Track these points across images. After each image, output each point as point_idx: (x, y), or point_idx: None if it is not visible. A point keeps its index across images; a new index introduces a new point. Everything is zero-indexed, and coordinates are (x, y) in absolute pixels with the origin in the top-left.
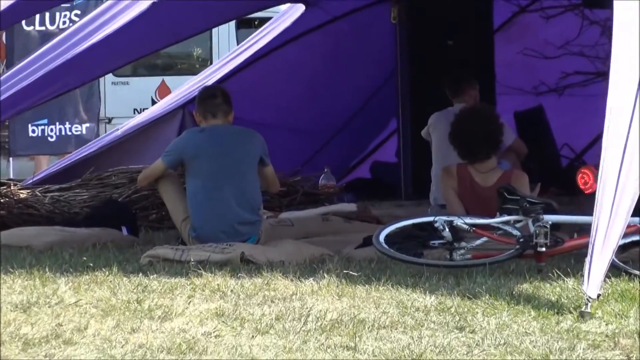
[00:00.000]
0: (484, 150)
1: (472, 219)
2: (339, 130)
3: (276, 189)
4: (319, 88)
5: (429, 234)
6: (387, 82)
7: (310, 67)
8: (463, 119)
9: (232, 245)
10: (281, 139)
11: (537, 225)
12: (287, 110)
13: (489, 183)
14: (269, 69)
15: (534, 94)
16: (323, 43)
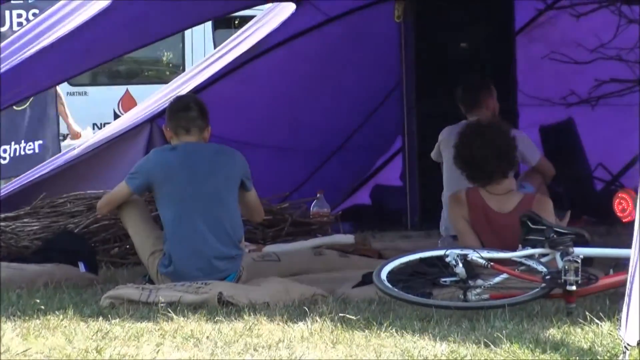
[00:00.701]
0: (496, 168)
1: (489, 253)
2: (335, 150)
3: (260, 217)
4: (311, 101)
5: (439, 270)
6: (391, 93)
7: (301, 76)
8: (467, 135)
9: (208, 284)
10: (266, 160)
11: (567, 260)
12: (273, 126)
13: (506, 209)
14: (252, 78)
15: (563, 105)
16: (316, 48)
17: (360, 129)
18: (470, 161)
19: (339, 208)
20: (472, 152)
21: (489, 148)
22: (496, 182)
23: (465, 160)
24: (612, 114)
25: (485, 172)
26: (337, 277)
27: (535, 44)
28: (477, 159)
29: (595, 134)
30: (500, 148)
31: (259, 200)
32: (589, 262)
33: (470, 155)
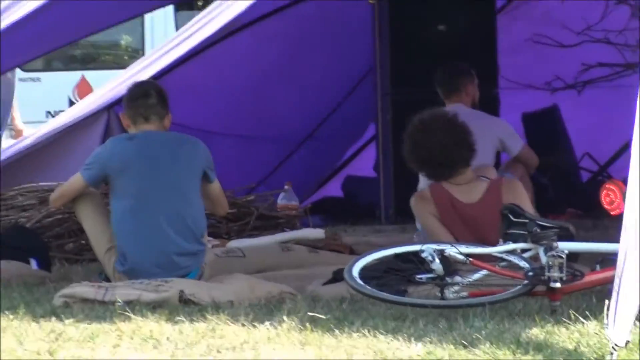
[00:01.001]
0: (458, 157)
1: (468, 248)
2: (304, 139)
3: (224, 210)
4: (278, 87)
5: (414, 266)
6: (364, 78)
7: (268, 61)
8: (418, 134)
9: (168, 281)
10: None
11: (550, 255)
12: (238, 114)
13: (473, 199)
14: (216, 63)
15: (547, 90)
16: (285, 30)
17: (330, 117)
18: (429, 159)
19: (308, 200)
20: (429, 149)
21: (445, 139)
22: (459, 172)
23: (423, 160)
24: (600, 100)
25: (447, 165)
26: (306, 274)
27: (517, 25)
28: (435, 154)
29: (581, 121)
30: (457, 135)
31: (223, 193)
32: (574, 257)
33: (428, 153)
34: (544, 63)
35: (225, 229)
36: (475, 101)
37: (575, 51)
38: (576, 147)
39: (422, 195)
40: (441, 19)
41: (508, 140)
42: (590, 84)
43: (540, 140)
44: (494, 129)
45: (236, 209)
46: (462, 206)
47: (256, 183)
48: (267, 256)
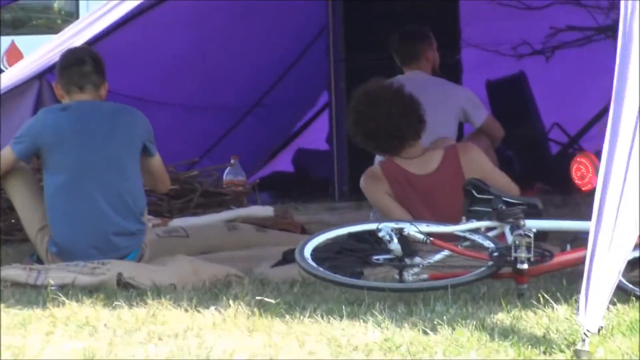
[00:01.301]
0: (407, 128)
1: (429, 226)
2: (251, 107)
3: (165, 187)
4: (223, 52)
5: (371, 246)
6: (315, 42)
7: (212, 23)
8: (361, 106)
9: (105, 263)
10: (172, 120)
11: (517, 234)
12: (179, 81)
13: (429, 169)
14: (155, 27)
15: (513, 56)
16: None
17: (280, 83)
18: (375, 130)
19: (257, 175)
20: (375, 120)
21: (392, 109)
22: (409, 145)
23: (368, 132)
24: (570, 67)
25: (395, 137)
26: (253, 255)
27: None
28: (381, 125)
29: (550, 90)
30: (405, 105)
31: (164, 167)
32: (542, 236)
33: (374, 124)
34: (510, 27)
35: (167, 206)
36: (435, 68)
37: (543, 14)
38: (544, 117)
39: (373, 174)
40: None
41: (471, 110)
42: (559, 49)
43: (506, 110)
44: (455, 98)
45: (178, 185)
46: (418, 179)
47: (200, 157)
48: (211, 236)
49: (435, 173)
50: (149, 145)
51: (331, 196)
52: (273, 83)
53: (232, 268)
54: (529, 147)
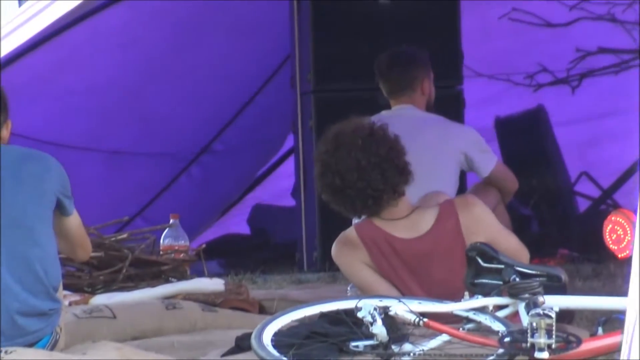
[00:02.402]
0: (380, 185)
1: (422, 304)
2: (197, 154)
3: (86, 254)
4: (163, 83)
5: (348, 330)
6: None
7: (148, 50)
8: (326, 149)
9: (9, 352)
10: (95, 171)
11: (535, 314)
12: (106, 121)
13: (419, 231)
14: (77, 51)
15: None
16: (172, 9)
17: (234, 123)
18: (342, 188)
19: (203, 239)
20: (342, 177)
21: (363, 162)
22: (389, 205)
23: (334, 189)
24: (602, 100)
25: (367, 197)
26: (199, 340)
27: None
28: (352, 184)
29: (576, 129)
30: (380, 155)
31: (85, 229)
32: (567, 317)
33: (341, 180)
34: (526, 49)
35: (88, 279)
36: (430, 102)
37: (567, 32)
38: (569, 164)
39: (347, 239)
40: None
41: (476, 156)
42: (588, 77)
43: (521, 155)
44: (456, 140)
45: (103, 251)
46: (405, 244)
47: (131, 216)
48: (145, 317)
49: (428, 236)
50: (65, 201)
51: (298, 265)
52: (225, 124)
53: (172, 357)
54: (550, 202)
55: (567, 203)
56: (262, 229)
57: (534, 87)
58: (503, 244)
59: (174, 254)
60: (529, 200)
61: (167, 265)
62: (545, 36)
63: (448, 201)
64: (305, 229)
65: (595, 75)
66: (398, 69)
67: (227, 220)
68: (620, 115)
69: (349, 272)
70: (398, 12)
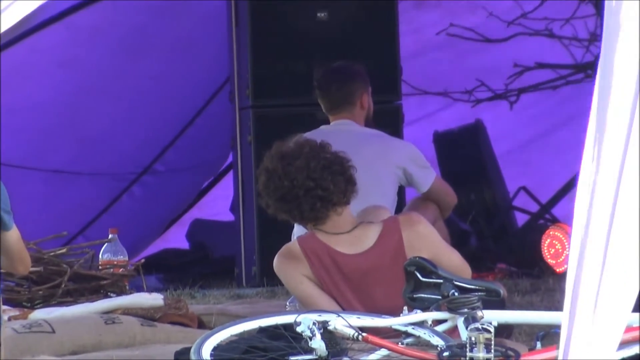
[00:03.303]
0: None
1: (361, 318)
2: (138, 176)
3: (25, 268)
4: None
5: (287, 344)
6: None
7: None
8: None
9: None
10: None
11: (474, 329)
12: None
13: (362, 247)
14: (15, 69)
15: (467, 102)
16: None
17: (175, 144)
18: (292, 192)
19: (143, 254)
20: (290, 177)
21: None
22: (336, 212)
23: (284, 196)
24: (540, 116)
25: (319, 199)
26: (138, 354)
27: (427, 11)
28: (301, 184)
29: (514, 144)
30: (328, 159)
31: (23, 244)
32: (506, 331)
33: (290, 182)
34: (464, 64)
35: (27, 294)
36: (369, 116)
37: (505, 47)
38: (508, 179)
39: (289, 252)
40: (321, 5)
41: (415, 171)
42: (526, 93)
43: (460, 170)
44: (395, 155)
45: (42, 266)
46: (348, 260)
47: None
48: (84, 331)
49: (370, 252)
50: (4, 216)
51: (237, 280)
52: (166, 145)
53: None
54: (488, 217)
55: (506, 218)
56: (201, 244)
57: (472, 102)
58: (445, 261)
59: (113, 268)
60: (467, 215)
61: (106, 280)
62: (484, 51)
63: (392, 218)
64: (244, 243)
65: (534, 90)
66: (336, 84)
67: (167, 235)
68: (558, 131)
69: (290, 285)
70: (336, 28)
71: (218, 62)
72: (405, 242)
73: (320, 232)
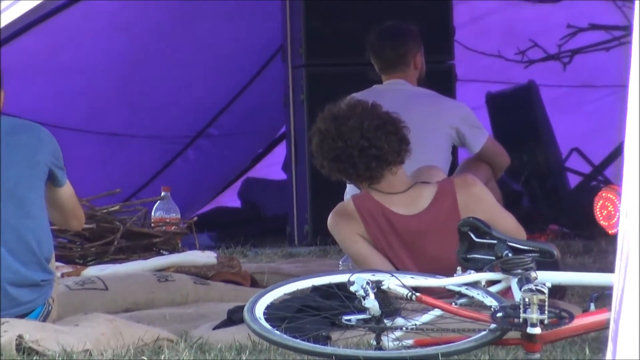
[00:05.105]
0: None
1: (415, 278)
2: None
3: (79, 224)
4: (158, 66)
5: (340, 303)
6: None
7: (143, 32)
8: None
9: (2, 322)
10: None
11: (527, 290)
12: (101, 104)
13: (417, 208)
14: (70, 33)
15: (520, 63)
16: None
17: (230, 107)
18: (347, 152)
19: (195, 212)
20: (344, 137)
21: (365, 123)
22: (389, 172)
23: (339, 156)
24: (593, 76)
25: (373, 158)
26: (191, 313)
27: None
28: (355, 143)
29: (567, 106)
30: (381, 118)
31: (77, 200)
32: (560, 292)
33: (344, 144)
34: (515, 25)
35: (80, 251)
36: (422, 77)
37: (558, 8)
38: (560, 140)
39: (343, 211)
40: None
41: (467, 131)
42: (579, 54)
43: (512, 130)
44: (448, 116)
45: (95, 223)
46: (402, 220)
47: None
48: (137, 289)
49: (425, 213)
50: (57, 172)
51: (289, 239)
52: (220, 109)
53: (164, 330)
54: (541, 178)
55: (558, 179)
56: (253, 203)
57: (525, 63)
58: (500, 224)
59: (165, 226)
60: (520, 176)
61: (159, 237)
62: (537, 12)
63: (447, 179)
64: (296, 202)
65: (587, 51)
66: (390, 44)
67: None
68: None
69: (344, 243)
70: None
71: (273, 27)
72: (459, 204)
73: (375, 192)
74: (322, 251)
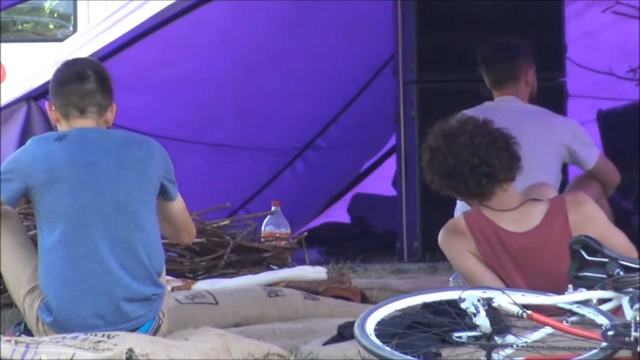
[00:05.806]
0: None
1: (525, 296)
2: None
3: (189, 239)
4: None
5: (451, 320)
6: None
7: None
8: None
9: (112, 336)
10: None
11: (639, 308)
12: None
13: (528, 225)
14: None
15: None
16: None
17: (339, 119)
18: (457, 169)
19: (305, 227)
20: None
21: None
22: (500, 189)
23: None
24: None
25: (484, 175)
26: (301, 328)
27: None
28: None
29: None
30: (492, 135)
31: (188, 214)
32: None
33: (455, 161)
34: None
35: (190, 265)
36: (533, 93)
37: None
38: None
39: (455, 227)
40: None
41: (579, 149)
42: None
43: (622, 148)
44: (559, 133)
45: (205, 237)
46: (513, 238)
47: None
48: (247, 303)
49: (536, 231)
50: (169, 185)
51: (398, 255)
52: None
53: (274, 345)
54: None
55: None
56: (362, 218)
57: (637, 81)
58: (612, 242)
59: (275, 241)
60: (630, 194)
61: (269, 252)
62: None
63: (558, 197)
64: (406, 218)
65: None
66: (502, 59)
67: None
68: None
69: (455, 260)
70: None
71: (383, 39)
72: (571, 222)
73: (486, 209)
74: (432, 267)
